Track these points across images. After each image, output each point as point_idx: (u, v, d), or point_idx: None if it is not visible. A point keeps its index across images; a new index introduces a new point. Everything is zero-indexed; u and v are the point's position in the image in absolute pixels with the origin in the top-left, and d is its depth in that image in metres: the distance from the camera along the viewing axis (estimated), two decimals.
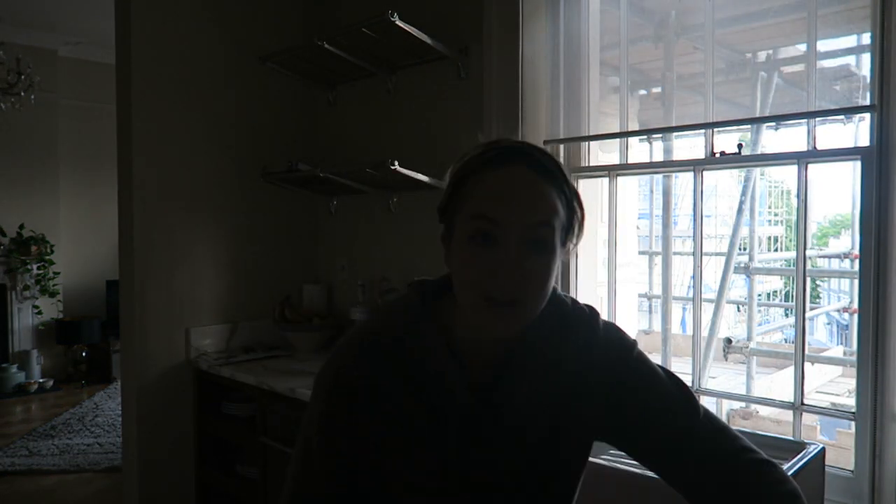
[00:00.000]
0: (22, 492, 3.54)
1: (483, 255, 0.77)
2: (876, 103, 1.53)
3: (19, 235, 5.80)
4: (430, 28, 2.18)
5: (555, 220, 0.79)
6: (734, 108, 5.00)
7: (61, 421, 4.79)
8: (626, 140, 2.10)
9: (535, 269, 0.78)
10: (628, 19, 2.12)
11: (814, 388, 6.12)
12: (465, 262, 0.80)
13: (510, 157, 0.81)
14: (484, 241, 0.78)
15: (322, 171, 2.38)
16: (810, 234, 9.23)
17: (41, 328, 6.01)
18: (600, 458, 1.47)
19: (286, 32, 2.70)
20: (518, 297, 0.77)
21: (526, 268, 0.77)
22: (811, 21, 1.77)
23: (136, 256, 2.34)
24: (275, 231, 2.75)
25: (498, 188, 0.79)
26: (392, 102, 2.55)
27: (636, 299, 6.03)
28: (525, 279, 0.77)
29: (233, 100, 2.59)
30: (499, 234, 0.77)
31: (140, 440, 2.38)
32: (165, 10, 2.38)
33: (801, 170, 1.69)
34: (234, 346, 2.59)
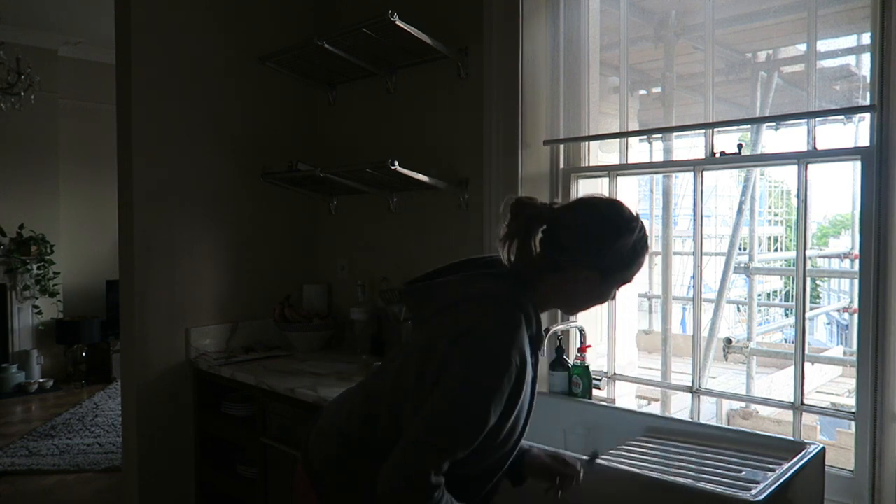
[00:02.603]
0: (22, 492, 3.54)
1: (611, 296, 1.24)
2: (876, 103, 1.54)
3: (19, 235, 5.80)
4: (430, 28, 2.18)
5: None
6: (734, 108, 5.00)
7: (61, 421, 4.79)
8: (626, 140, 2.10)
9: None
10: (628, 19, 2.12)
11: (814, 388, 6.12)
12: (602, 298, 1.23)
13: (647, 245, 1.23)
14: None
15: (322, 171, 2.38)
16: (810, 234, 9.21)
17: (41, 328, 6.01)
18: (600, 458, 1.47)
19: (286, 32, 2.70)
20: None
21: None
22: (811, 21, 1.77)
23: (136, 256, 2.34)
24: (275, 231, 2.75)
25: (643, 266, 1.22)
26: (392, 102, 2.55)
27: (636, 299, 6.02)
28: None
29: (233, 100, 2.59)
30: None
31: (140, 440, 2.38)
32: (165, 11, 2.38)
33: (801, 170, 1.69)
34: (234, 346, 2.59)
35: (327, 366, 2.36)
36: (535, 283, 1.18)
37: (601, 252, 1.15)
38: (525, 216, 1.16)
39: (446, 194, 2.30)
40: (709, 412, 4.52)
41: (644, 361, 5.76)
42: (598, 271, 1.16)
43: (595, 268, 1.16)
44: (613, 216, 1.17)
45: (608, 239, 1.15)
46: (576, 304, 1.25)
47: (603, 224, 1.16)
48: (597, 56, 2.20)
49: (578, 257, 1.15)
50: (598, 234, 1.15)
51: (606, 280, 1.18)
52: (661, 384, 2.29)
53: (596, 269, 1.16)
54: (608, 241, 1.15)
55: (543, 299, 1.20)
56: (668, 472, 1.38)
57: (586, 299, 1.22)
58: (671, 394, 3.08)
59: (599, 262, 1.16)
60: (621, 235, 1.15)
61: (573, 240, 1.15)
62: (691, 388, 1.95)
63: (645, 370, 4.91)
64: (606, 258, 1.16)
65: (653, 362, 5.87)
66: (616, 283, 1.20)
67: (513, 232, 1.17)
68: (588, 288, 1.18)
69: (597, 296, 1.21)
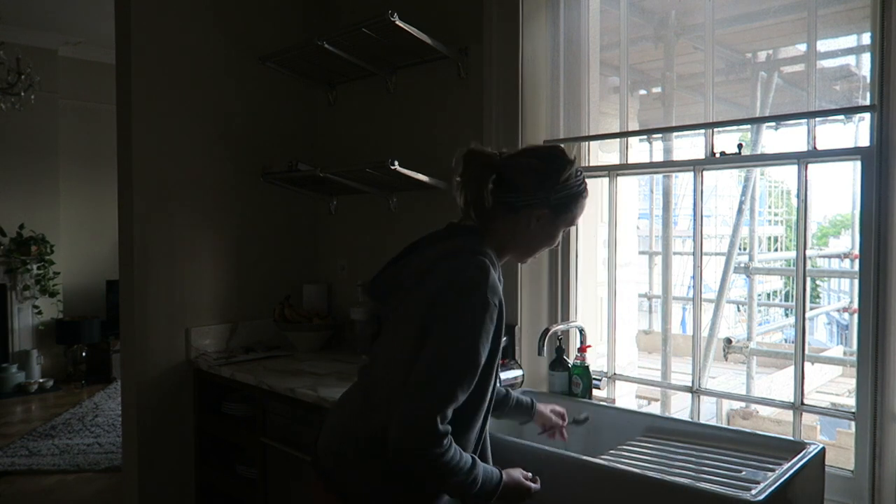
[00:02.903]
0: (22, 492, 3.54)
1: (558, 241, 1.36)
2: (876, 103, 1.54)
3: (19, 235, 5.80)
4: (430, 28, 2.18)
5: None
6: (734, 108, 5.00)
7: (61, 421, 4.79)
8: (626, 140, 2.10)
9: None
10: (628, 19, 2.12)
11: (814, 388, 6.12)
12: (550, 241, 1.34)
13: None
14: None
15: (322, 171, 2.38)
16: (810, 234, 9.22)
17: (41, 328, 6.01)
18: (600, 458, 1.47)
19: (286, 32, 2.70)
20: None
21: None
22: (811, 21, 1.77)
23: (136, 256, 2.34)
24: (275, 231, 2.75)
25: (584, 210, 1.35)
26: (392, 102, 2.55)
27: (636, 299, 6.03)
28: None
29: (233, 100, 2.59)
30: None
31: (140, 440, 2.38)
32: (165, 11, 2.38)
33: (801, 170, 1.69)
34: (234, 346, 2.59)
35: (327, 366, 2.36)
36: (491, 232, 1.28)
37: (550, 186, 1.27)
38: (477, 164, 1.27)
39: (446, 194, 2.30)
40: (709, 412, 4.52)
41: (644, 361, 5.76)
42: (548, 208, 1.27)
43: (546, 204, 1.27)
44: (555, 154, 1.31)
45: (555, 173, 1.27)
46: (530, 246, 1.33)
47: (548, 161, 1.29)
48: (597, 56, 2.20)
49: (530, 195, 1.26)
50: (545, 171, 1.27)
51: (556, 218, 1.29)
52: (661, 384, 2.29)
53: (546, 205, 1.27)
54: (555, 175, 1.27)
55: (500, 247, 1.30)
56: (668, 472, 1.38)
57: (538, 242, 1.33)
58: (671, 394, 3.08)
59: (549, 197, 1.27)
60: (564, 168, 1.28)
61: (524, 179, 1.27)
62: (691, 388, 1.95)
63: (645, 370, 4.91)
64: (555, 192, 1.27)
65: (653, 362, 5.87)
66: (563, 223, 1.32)
67: (466, 180, 1.27)
68: (540, 228, 1.29)
69: (547, 237, 1.32)
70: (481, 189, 1.24)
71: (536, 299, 2.16)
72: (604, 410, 1.84)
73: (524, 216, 1.27)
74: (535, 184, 1.26)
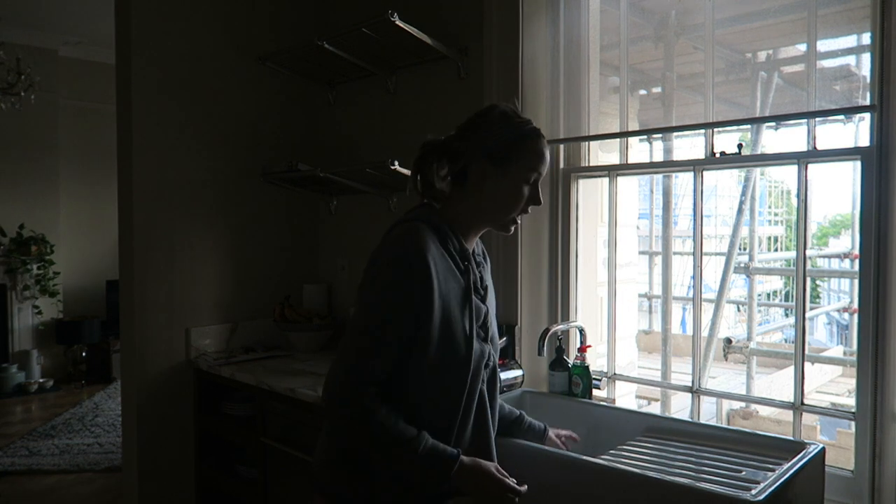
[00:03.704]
0: (22, 492, 3.54)
1: (526, 194, 1.27)
2: (876, 103, 1.54)
3: (19, 235, 5.80)
4: (430, 28, 2.18)
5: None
6: (734, 108, 5.01)
7: (61, 421, 4.79)
8: (626, 140, 2.10)
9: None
10: (628, 19, 2.12)
11: (814, 388, 6.12)
12: (514, 198, 1.26)
13: (540, 132, 1.28)
14: (528, 184, 1.27)
15: (322, 171, 2.38)
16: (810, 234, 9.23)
17: (41, 328, 6.01)
18: (600, 458, 1.47)
19: (286, 32, 2.70)
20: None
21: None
22: (811, 21, 1.77)
23: (136, 256, 2.34)
24: (275, 231, 2.75)
25: (544, 154, 1.27)
26: (392, 102, 2.55)
27: (636, 299, 6.04)
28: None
29: (233, 100, 2.59)
30: (533, 182, 1.27)
31: (140, 440, 2.38)
32: (165, 10, 2.38)
33: (801, 170, 1.69)
34: (234, 346, 2.59)
35: (327, 366, 2.35)
36: (452, 209, 1.27)
37: (484, 136, 1.23)
38: (422, 150, 1.28)
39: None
40: (709, 412, 4.52)
41: (644, 361, 5.77)
42: (486, 160, 1.23)
43: (482, 156, 1.23)
44: (486, 108, 1.29)
45: (483, 124, 1.25)
46: (497, 209, 1.26)
47: (477, 115, 1.28)
48: (597, 56, 2.20)
49: (470, 154, 1.24)
50: (474, 124, 1.26)
51: (505, 169, 1.23)
52: (661, 384, 2.29)
53: (483, 157, 1.23)
54: (484, 126, 1.25)
55: (467, 221, 1.27)
56: (668, 472, 1.38)
57: (503, 201, 1.25)
58: (671, 394, 3.08)
59: (483, 148, 1.23)
60: (492, 111, 1.26)
61: (461, 139, 1.26)
62: (691, 388, 1.95)
63: (645, 370, 4.92)
64: (487, 141, 1.23)
65: (653, 362, 5.88)
66: (519, 173, 1.24)
67: (414, 166, 1.29)
68: (495, 186, 1.24)
69: (509, 194, 1.25)
70: (427, 173, 1.26)
71: (536, 299, 2.16)
72: (604, 410, 1.84)
73: (472, 179, 1.24)
74: (469, 143, 1.24)
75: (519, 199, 1.25)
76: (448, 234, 1.23)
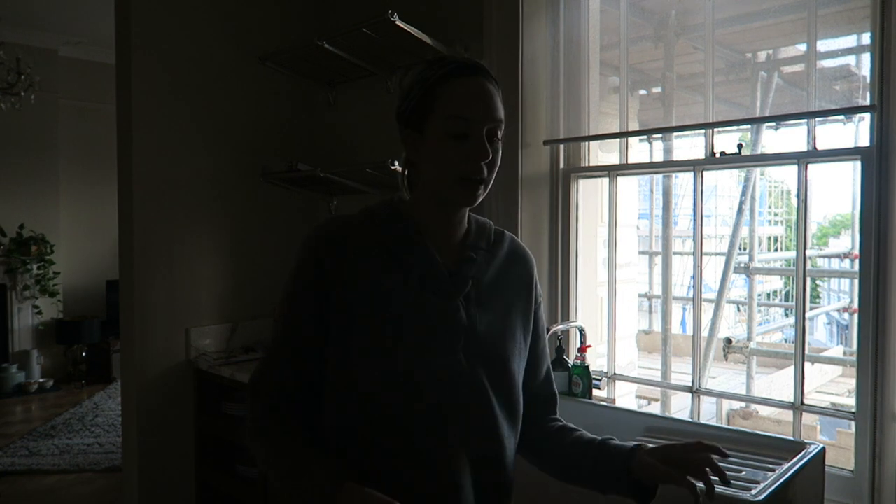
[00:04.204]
0: (22, 492, 3.54)
1: (460, 147, 0.97)
2: (876, 103, 1.54)
3: (19, 235, 5.81)
4: (430, 28, 2.18)
5: (503, 118, 1.01)
6: (734, 108, 5.01)
7: (61, 421, 4.79)
8: (626, 140, 2.10)
9: (495, 157, 0.99)
10: (628, 19, 2.12)
11: (814, 388, 6.12)
12: (444, 154, 0.98)
13: (472, 69, 1.00)
14: (459, 136, 0.97)
15: (322, 171, 2.38)
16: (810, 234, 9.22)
17: (41, 328, 6.01)
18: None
19: (286, 32, 2.69)
20: (484, 176, 0.99)
21: (490, 155, 0.98)
22: (811, 21, 1.77)
23: (136, 256, 2.34)
24: (275, 231, 2.75)
25: (470, 93, 0.98)
26: (392, 102, 2.54)
27: (636, 299, 6.05)
28: (489, 164, 0.99)
29: (233, 100, 2.59)
30: (470, 131, 0.97)
31: (140, 440, 2.38)
32: (165, 10, 2.38)
33: (801, 170, 1.69)
34: (234, 346, 2.59)
35: None
36: (412, 195, 1.07)
37: (398, 105, 1.05)
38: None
39: None
40: (709, 412, 4.53)
41: (644, 361, 5.77)
42: (405, 125, 1.02)
43: (402, 124, 1.03)
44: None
45: (400, 94, 1.05)
46: (431, 179, 1.00)
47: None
48: (597, 56, 2.20)
49: (400, 132, 1.05)
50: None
51: (419, 132, 1.00)
52: (661, 384, 2.29)
53: (403, 124, 1.03)
54: (400, 95, 1.05)
55: (420, 202, 1.04)
56: None
57: (432, 168, 0.99)
58: (671, 394, 3.08)
59: (400, 114, 1.03)
60: (404, 82, 1.05)
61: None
62: (691, 388, 1.95)
63: (645, 370, 4.92)
64: (402, 104, 1.03)
65: (653, 362, 5.88)
66: (435, 129, 0.98)
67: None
68: (418, 154, 1.01)
69: (431, 156, 0.99)
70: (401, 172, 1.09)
71: None
72: (603, 410, 1.84)
73: (407, 153, 1.05)
74: (397, 109, 1.05)
75: (447, 159, 0.97)
76: (390, 218, 1.02)
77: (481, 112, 0.97)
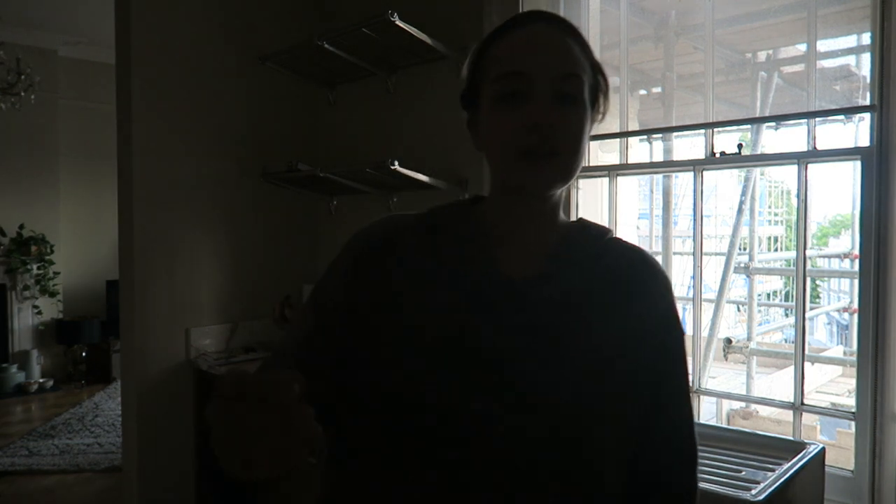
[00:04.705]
0: (22, 492, 3.54)
1: (515, 112, 0.74)
2: (876, 103, 1.54)
3: (19, 235, 5.80)
4: (430, 28, 2.18)
5: (582, 74, 0.77)
6: (734, 108, 5.01)
7: (61, 421, 4.79)
8: (626, 140, 2.10)
9: (568, 122, 0.74)
10: (628, 19, 2.12)
11: (814, 388, 6.12)
12: (497, 124, 0.76)
13: (528, 19, 0.79)
14: (514, 98, 0.74)
15: (322, 171, 2.38)
16: (810, 234, 9.22)
17: (41, 328, 6.01)
18: None
19: (286, 32, 2.69)
20: (556, 147, 0.74)
21: (560, 119, 0.74)
22: (811, 21, 1.77)
23: (136, 256, 2.34)
24: (275, 231, 2.75)
25: (522, 42, 0.76)
26: (392, 102, 2.55)
27: None
28: (561, 130, 0.74)
29: (233, 100, 2.59)
30: (528, 90, 0.74)
31: (140, 440, 2.38)
32: (165, 10, 2.38)
33: (801, 170, 1.69)
34: (234, 346, 2.59)
35: None
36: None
37: (463, 96, 0.85)
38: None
39: (446, 194, 2.30)
40: (709, 412, 4.53)
41: None
42: (464, 109, 0.85)
43: (463, 108, 0.85)
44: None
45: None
46: (490, 159, 0.81)
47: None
48: (597, 56, 2.20)
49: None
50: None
51: (473, 107, 0.82)
52: None
53: (463, 108, 0.85)
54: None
55: (493, 191, 0.84)
56: None
57: (487, 144, 0.80)
58: None
59: (461, 95, 0.85)
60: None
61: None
62: (691, 388, 1.94)
63: None
64: (464, 91, 0.84)
65: None
66: (485, 99, 0.78)
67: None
68: (477, 133, 0.83)
69: (484, 130, 0.80)
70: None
71: None
72: None
73: (474, 143, 0.86)
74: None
75: (500, 129, 0.75)
76: (453, 219, 0.82)
77: (537, 62, 0.74)
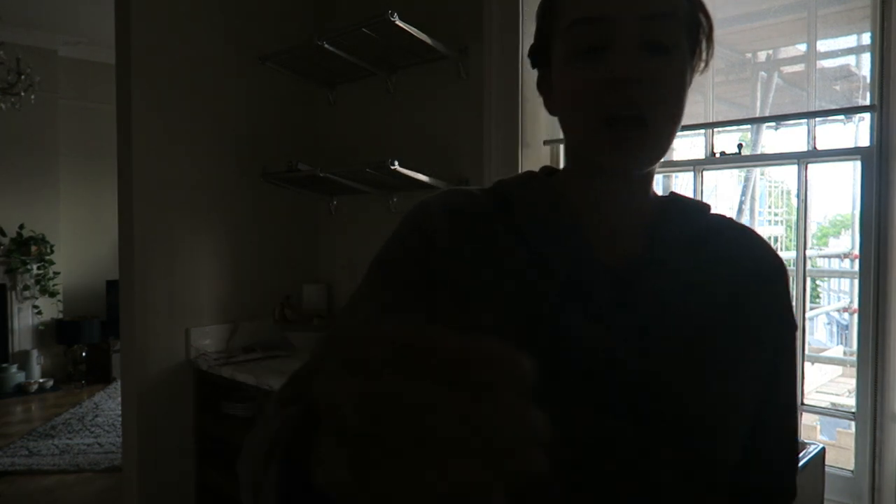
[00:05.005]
0: (22, 492, 3.54)
1: (594, 68, 0.59)
2: (876, 103, 1.54)
3: (19, 235, 5.81)
4: (430, 28, 2.18)
5: (678, 12, 0.60)
6: (734, 108, 5.00)
7: (61, 421, 4.79)
8: None
9: (663, 77, 0.59)
10: None
11: (814, 388, 6.11)
12: (570, 84, 0.61)
13: None
14: (592, 51, 0.59)
15: (322, 171, 2.38)
16: (810, 234, 9.20)
17: (41, 328, 6.01)
18: None
19: (286, 32, 2.69)
20: (645, 112, 0.58)
21: (651, 74, 0.58)
22: (811, 21, 1.77)
23: (136, 256, 2.34)
24: (275, 231, 2.75)
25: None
26: (392, 102, 2.55)
27: None
28: (652, 89, 0.58)
29: (233, 100, 2.59)
30: (610, 38, 0.59)
31: (140, 440, 2.38)
32: (165, 10, 2.38)
33: (801, 170, 1.69)
34: (234, 346, 2.59)
35: None
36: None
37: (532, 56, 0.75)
38: None
39: None
40: None
41: None
42: (534, 69, 0.74)
43: (533, 68, 0.74)
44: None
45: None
46: (563, 125, 0.68)
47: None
48: None
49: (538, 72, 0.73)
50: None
51: (546, 66, 0.71)
52: None
53: (533, 68, 0.74)
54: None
55: (571, 164, 0.70)
56: None
57: (561, 109, 0.66)
58: None
59: (530, 52, 0.75)
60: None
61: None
62: None
63: None
64: (535, 48, 0.75)
65: None
66: (558, 56, 0.66)
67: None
68: (551, 98, 0.70)
69: (559, 92, 0.66)
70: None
71: None
72: None
73: (546, 106, 0.72)
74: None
75: (577, 88, 0.61)
76: (531, 194, 0.68)
77: (619, 3, 0.59)
